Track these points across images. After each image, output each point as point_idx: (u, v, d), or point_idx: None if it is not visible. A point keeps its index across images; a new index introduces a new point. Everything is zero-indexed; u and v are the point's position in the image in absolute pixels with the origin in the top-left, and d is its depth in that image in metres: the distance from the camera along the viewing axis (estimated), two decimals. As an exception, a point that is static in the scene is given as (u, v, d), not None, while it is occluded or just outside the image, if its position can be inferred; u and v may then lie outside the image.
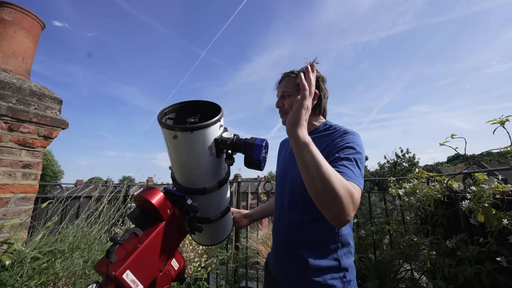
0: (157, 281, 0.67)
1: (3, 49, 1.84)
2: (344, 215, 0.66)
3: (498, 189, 1.37)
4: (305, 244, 0.90)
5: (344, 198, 0.65)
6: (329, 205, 0.66)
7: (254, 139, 0.76)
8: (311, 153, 0.68)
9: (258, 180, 6.90)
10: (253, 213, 1.32)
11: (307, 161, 0.68)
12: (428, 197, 1.78)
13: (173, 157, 0.76)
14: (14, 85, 1.75)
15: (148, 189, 0.70)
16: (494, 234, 1.31)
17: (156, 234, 0.66)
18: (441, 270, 1.50)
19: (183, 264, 0.78)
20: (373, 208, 2.92)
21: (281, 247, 0.98)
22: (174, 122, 0.82)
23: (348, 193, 0.67)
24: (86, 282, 1.63)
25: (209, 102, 0.82)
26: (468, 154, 1.65)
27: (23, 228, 1.73)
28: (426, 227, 1.86)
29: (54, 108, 1.99)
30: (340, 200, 0.65)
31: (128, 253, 0.60)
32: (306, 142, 0.69)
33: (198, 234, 0.88)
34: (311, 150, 0.68)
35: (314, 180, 0.67)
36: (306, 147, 0.68)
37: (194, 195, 0.78)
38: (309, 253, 0.88)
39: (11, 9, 1.87)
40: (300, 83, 0.74)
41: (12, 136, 1.72)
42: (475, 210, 1.36)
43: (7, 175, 1.69)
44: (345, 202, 0.66)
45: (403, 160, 15.88)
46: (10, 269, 1.34)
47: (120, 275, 0.55)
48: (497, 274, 1.31)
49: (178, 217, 0.74)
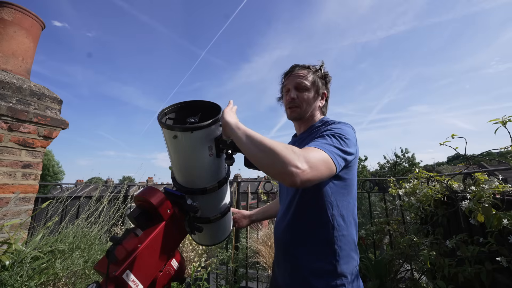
0: (157, 281, 0.67)
1: (3, 49, 1.84)
2: (290, 166, 0.62)
3: (498, 189, 1.37)
4: (301, 246, 0.88)
5: (282, 151, 0.63)
6: (270, 163, 0.64)
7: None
8: (241, 129, 0.72)
9: (258, 180, 6.91)
10: (253, 214, 1.32)
11: (240, 137, 0.71)
12: (428, 197, 1.78)
13: (173, 157, 0.76)
14: (14, 85, 1.75)
15: (148, 189, 0.70)
16: (494, 234, 1.31)
17: (156, 234, 0.66)
18: (441, 270, 1.50)
19: (183, 264, 0.79)
20: (373, 208, 2.92)
21: (279, 247, 0.98)
22: (174, 122, 0.82)
23: (287, 147, 0.65)
24: (86, 282, 1.63)
25: (209, 102, 0.82)
26: (468, 154, 1.65)
27: (23, 228, 1.73)
28: (426, 227, 1.86)
29: (54, 108, 1.99)
30: (277, 153, 0.63)
31: (128, 253, 0.60)
32: (236, 123, 0.74)
33: (198, 234, 0.88)
34: (240, 126, 0.73)
35: (250, 149, 0.68)
36: (237, 127, 0.73)
37: (194, 195, 0.78)
38: (304, 255, 0.87)
39: (11, 9, 1.87)
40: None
41: (12, 136, 1.72)
42: (475, 210, 1.36)
43: (7, 175, 1.69)
44: (285, 154, 0.63)
45: (403, 160, 15.87)
46: (10, 269, 1.34)
47: (120, 275, 0.55)
48: (497, 274, 1.31)
49: (178, 217, 0.74)
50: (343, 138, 0.81)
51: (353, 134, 0.89)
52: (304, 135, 1.03)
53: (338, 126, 0.87)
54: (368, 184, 2.69)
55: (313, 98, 1.01)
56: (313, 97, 1.01)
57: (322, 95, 1.04)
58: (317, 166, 0.67)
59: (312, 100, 1.01)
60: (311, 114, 1.03)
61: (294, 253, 0.89)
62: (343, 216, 0.87)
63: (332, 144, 0.77)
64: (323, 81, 1.04)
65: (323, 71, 1.04)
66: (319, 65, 1.05)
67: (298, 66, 1.04)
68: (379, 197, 3.65)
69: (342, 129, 0.85)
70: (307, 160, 0.65)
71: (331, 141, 0.78)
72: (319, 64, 1.05)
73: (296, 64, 1.05)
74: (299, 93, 1.00)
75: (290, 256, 0.91)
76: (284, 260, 0.93)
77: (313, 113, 1.03)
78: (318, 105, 1.04)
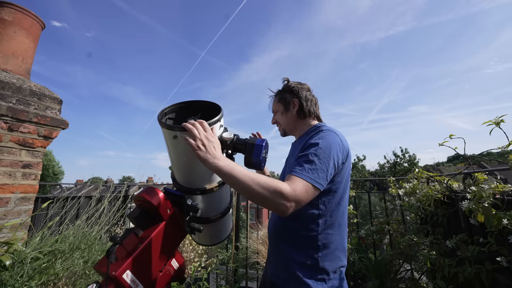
0: (157, 281, 0.67)
1: (3, 49, 1.84)
2: (280, 207, 0.73)
3: (498, 189, 1.37)
4: (286, 238, 0.97)
5: (270, 197, 0.72)
6: (262, 203, 0.75)
7: (254, 139, 0.77)
8: (228, 172, 0.71)
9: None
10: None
11: (230, 180, 0.72)
12: (428, 197, 1.78)
13: (173, 157, 0.76)
14: (14, 85, 1.75)
15: (148, 189, 0.70)
16: (494, 234, 1.31)
17: (156, 234, 0.66)
18: (441, 270, 1.50)
19: (183, 264, 0.79)
20: (373, 208, 2.92)
21: (270, 241, 1.09)
22: (174, 122, 0.82)
23: (273, 189, 0.72)
24: (86, 282, 1.63)
25: (209, 102, 0.82)
26: (468, 154, 1.65)
27: (23, 228, 1.73)
28: (426, 227, 1.86)
29: (54, 108, 1.99)
30: (267, 199, 0.72)
31: (128, 253, 0.60)
32: (218, 166, 0.71)
33: (198, 234, 0.88)
34: (227, 170, 0.71)
35: (242, 191, 0.73)
36: (221, 170, 0.71)
37: (194, 195, 0.78)
38: (289, 247, 0.95)
39: (11, 9, 1.87)
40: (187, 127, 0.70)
41: (12, 136, 1.72)
42: (475, 210, 1.36)
43: (7, 175, 1.69)
44: (273, 199, 0.72)
45: (403, 160, 15.87)
46: (11, 269, 1.34)
47: (120, 275, 0.55)
48: (497, 274, 1.31)
49: (178, 217, 0.74)
50: (322, 156, 0.85)
51: (337, 142, 0.91)
52: (297, 142, 1.15)
53: (320, 137, 0.92)
54: (368, 184, 2.69)
55: (284, 114, 1.16)
56: (283, 113, 1.16)
57: (292, 105, 1.14)
58: (301, 198, 0.76)
59: (284, 116, 1.16)
60: (293, 125, 1.16)
61: (282, 245, 0.98)
62: (331, 215, 0.93)
63: (314, 168, 0.82)
64: (288, 94, 1.15)
65: (287, 85, 1.17)
66: (285, 83, 1.19)
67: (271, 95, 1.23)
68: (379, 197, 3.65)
69: (321, 147, 0.87)
70: (292, 197, 0.74)
71: (313, 165, 0.83)
72: (285, 83, 1.19)
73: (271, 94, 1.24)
74: (275, 116, 1.20)
75: (278, 248, 1.00)
76: (273, 251, 1.03)
77: (292, 123, 1.16)
78: (293, 114, 1.14)
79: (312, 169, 0.81)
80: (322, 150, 0.86)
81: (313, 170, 0.81)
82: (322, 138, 0.91)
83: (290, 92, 1.16)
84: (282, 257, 0.96)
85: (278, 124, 1.21)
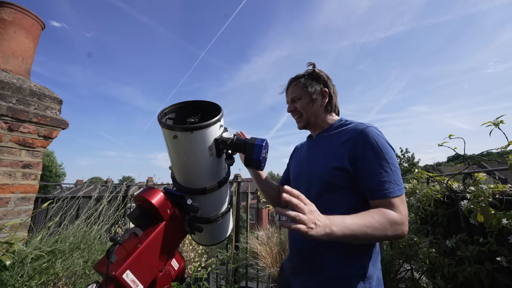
0: (157, 281, 0.67)
1: (3, 49, 1.84)
2: (400, 235, 0.77)
3: (497, 189, 1.37)
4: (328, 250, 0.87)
5: (390, 231, 0.74)
6: (384, 240, 0.79)
7: (254, 139, 0.76)
8: (351, 233, 0.69)
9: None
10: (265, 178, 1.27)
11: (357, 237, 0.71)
12: (428, 197, 1.78)
13: (173, 157, 0.76)
14: (14, 85, 1.75)
15: (148, 189, 0.70)
16: (494, 234, 1.31)
17: (156, 234, 0.66)
18: (441, 269, 1.50)
19: (183, 264, 0.79)
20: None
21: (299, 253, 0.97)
22: (174, 122, 0.82)
23: (391, 224, 0.75)
24: (86, 282, 1.63)
25: (209, 102, 0.82)
26: (467, 154, 1.65)
27: (23, 228, 1.74)
28: (426, 227, 1.87)
29: (54, 108, 1.99)
30: (389, 235, 0.75)
31: (128, 253, 0.60)
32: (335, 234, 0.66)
33: (198, 234, 0.88)
34: (344, 234, 0.67)
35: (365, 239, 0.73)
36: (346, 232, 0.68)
37: (194, 195, 0.78)
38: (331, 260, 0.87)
39: (11, 9, 1.87)
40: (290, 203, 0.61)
41: (12, 136, 1.72)
42: (474, 210, 1.36)
43: (7, 175, 1.69)
44: (392, 233, 0.75)
45: (403, 160, 15.87)
46: (11, 269, 1.34)
47: (120, 275, 0.55)
48: (497, 274, 1.31)
49: (178, 217, 0.74)
50: (394, 161, 0.85)
51: (383, 135, 0.90)
52: (321, 135, 1.03)
53: (386, 148, 0.85)
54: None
55: (309, 102, 1.02)
56: (308, 101, 1.02)
57: (322, 94, 1.03)
58: (406, 212, 0.80)
59: (309, 105, 1.03)
60: (316, 117, 1.04)
61: (321, 260, 0.87)
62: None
63: (398, 178, 0.83)
64: (315, 82, 1.03)
65: (315, 71, 1.05)
66: (310, 68, 1.06)
67: (292, 78, 1.08)
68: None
69: (390, 153, 0.85)
70: (404, 219, 0.77)
71: (396, 175, 0.83)
72: (310, 68, 1.07)
73: (291, 79, 1.09)
74: (295, 104, 1.05)
75: (314, 262, 0.89)
76: (306, 266, 0.91)
77: (318, 115, 1.04)
78: (320, 105, 1.03)
79: (398, 180, 0.82)
80: (391, 152, 0.86)
81: (398, 180, 0.82)
82: (387, 148, 0.86)
83: (317, 80, 1.03)
84: (322, 273, 0.86)
85: (298, 113, 1.05)
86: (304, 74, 1.06)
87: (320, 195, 0.90)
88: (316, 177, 0.93)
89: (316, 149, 1.02)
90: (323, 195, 0.90)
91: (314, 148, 1.03)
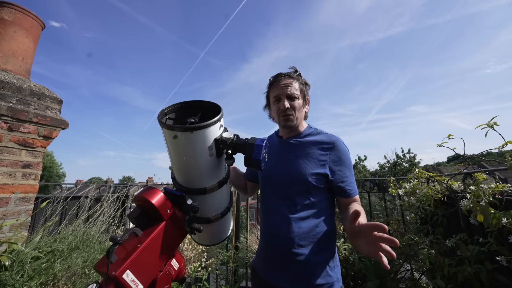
0: (157, 281, 0.67)
1: (3, 49, 1.84)
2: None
3: (497, 189, 1.37)
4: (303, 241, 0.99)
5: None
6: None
7: (254, 139, 0.76)
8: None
9: (258, 180, 6.88)
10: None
11: None
12: (428, 197, 1.78)
13: (173, 157, 0.76)
14: (14, 85, 1.75)
15: (148, 189, 0.70)
16: (494, 234, 1.31)
17: (156, 234, 0.66)
18: (441, 269, 1.50)
19: (183, 264, 0.79)
20: (373, 208, 2.92)
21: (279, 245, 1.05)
22: (174, 122, 0.82)
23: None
24: (86, 282, 1.63)
25: (209, 102, 0.82)
26: (467, 154, 1.65)
27: (23, 228, 1.73)
28: (426, 227, 1.87)
29: (54, 108, 1.99)
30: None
31: (128, 253, 0.60)
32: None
33: (198, 234, 0.88)
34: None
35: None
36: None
37: (194, 195, 0.78)
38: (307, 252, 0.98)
39: (11, 9, 1.87)
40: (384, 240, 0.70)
41: (12, 136, 1.72)
42: (474, 209, 1.36)
43: (7, 175, 1.69)
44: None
45: (403, 160, 15.87)
46: (10, 269, 1.34)
47: (120, 275, 0.55)
48: (496, 273, 1.31)
49: (178, 217, 0.74)
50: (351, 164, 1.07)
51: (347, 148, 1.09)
52: (295, 139, 1.10)
53: (347, 153, 1.05)
54: (368, 184, 2.69)
55: (302, 105, 1.08)
56: (302, 104, 1.08)
57: (307, 101, 1.13)
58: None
59: (301, 108, 1.09)
60: (299, 121, 1.11)
61: (299, 252, 0.96)
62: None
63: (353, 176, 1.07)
64: (306, 87, 1.11)
65: (302, 78, 1.11)
66: (297, 72, 1.10)
67: (282, 75, 1.09)
68: (379, 197, 3.66)
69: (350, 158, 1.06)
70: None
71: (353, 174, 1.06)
72: (294, 71, 1.10)
73: (280, 73, 1.10)
74: (291, 102, 1.05)
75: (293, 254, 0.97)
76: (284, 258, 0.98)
77: (301, 120, 1.12)
78: (304, 111, 1.13)
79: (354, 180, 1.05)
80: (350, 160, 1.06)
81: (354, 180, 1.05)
82: (348, 153, 1.06)
83: (307, 87, 1.12)
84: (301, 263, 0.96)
85: (292, 112, 1.05)
86: (299, 76, 1.09)
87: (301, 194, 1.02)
88: (297, 180, 1.02)
89: (292, 153, 1.07)
90: (304, 194, 1.02)
91: (290, 152, 1.08)
